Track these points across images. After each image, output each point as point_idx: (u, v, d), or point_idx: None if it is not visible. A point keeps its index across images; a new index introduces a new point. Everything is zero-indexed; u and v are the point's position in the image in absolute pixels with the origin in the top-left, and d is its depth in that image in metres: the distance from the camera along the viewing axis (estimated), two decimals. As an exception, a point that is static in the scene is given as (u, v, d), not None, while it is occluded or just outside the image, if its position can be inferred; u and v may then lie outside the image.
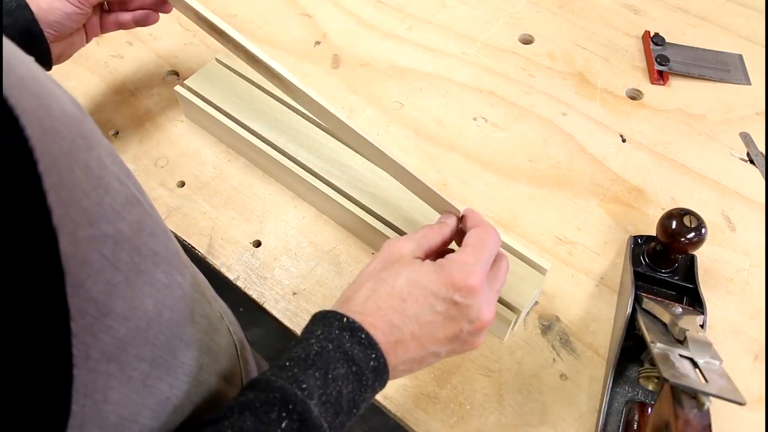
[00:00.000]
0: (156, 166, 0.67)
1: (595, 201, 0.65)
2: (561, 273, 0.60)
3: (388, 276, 0.41)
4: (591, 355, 0.55)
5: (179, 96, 0.67)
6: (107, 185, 0.26)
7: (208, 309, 0.40)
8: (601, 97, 0.74)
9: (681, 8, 0.84)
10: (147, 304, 0.29)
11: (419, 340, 0.39)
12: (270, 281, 0.60)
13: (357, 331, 0.37)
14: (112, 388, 0.27)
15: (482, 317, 0.40)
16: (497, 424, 0.52)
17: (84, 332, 0.24)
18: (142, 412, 0.30)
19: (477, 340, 0.42)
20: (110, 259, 0.26)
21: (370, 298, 0.40)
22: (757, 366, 0.55)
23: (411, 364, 0.40)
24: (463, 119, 0.72)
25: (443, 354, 0.41)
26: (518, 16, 0.83)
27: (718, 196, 0.66)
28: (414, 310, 0.39)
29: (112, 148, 0.29)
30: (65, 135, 0.24)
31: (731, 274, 0.60)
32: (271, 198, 0.65)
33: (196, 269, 0.43)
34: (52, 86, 0.25)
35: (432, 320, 0.39)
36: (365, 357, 0.37)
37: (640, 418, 0.49)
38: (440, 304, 0.39)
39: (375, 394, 0.38)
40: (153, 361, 0.30)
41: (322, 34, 0.80)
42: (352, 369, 0.36)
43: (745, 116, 0.73)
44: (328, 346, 0.36)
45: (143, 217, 0.29)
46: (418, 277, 0.40)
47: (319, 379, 0.35)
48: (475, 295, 0.40)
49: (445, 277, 0.40)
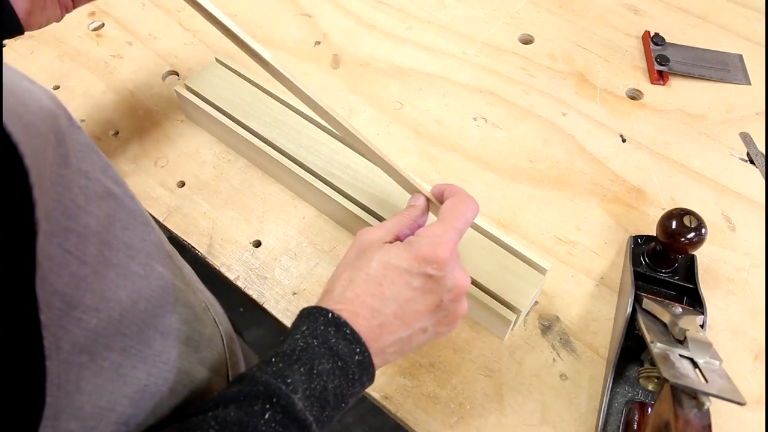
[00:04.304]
0: (156, 166, 0.67)
1: (595, 201, 0.65)
2: (561, 273, 0.60)
3: (361, 264, 0.41)
4: (591, 355, 0.55)
5: (179, 96, 0.67)
6: (67, 182, 0.26)
7: (193, 299, 0.40)
8: (601, 97, 0.74)
9: (681, 8, 0.84)
10: (120, 295, 0.29)
11: (402, 319, 0.40)
12: (270, 281, 0.60)
13: (342, 326, 0.38)
14: (85, 378, 0.27)
15: (459, 283, 0.41)
16: (497, 424, 0.52)
17: (53, 324, 0.25)
18: (119, 401, 0.30)
19: (460, 307, 0.42)
20: (74, 253, 0.26)
21: (348, 288, 0.40)
22: (757, 366, 0.55)
23: (400, 345, 0.41)
24: (463, 119, 0.72)
25: (430, 328, 0.42)
26: (518, 16, 0.83)
27: (718, 196, 0.66)
28: (391, 291, 0.40)
29: (86, 142, 0.29)
30: (42, 130, 0.24)
31: (731, 274, 0.60)
32: (271, 198, 0.65)
33: (181, 260, 0.43)
34: (25, 82, 0.25)
35: (411, 297, 0.40)
36: (350, 352, 0.37)
37: (640, 418, 0.49)
38: (415, 280, 0.40)
39: (364, 387, 0.39)
40: (123, 350, 0.30)
41: (322, 34, 0.80)
42: (337, 364, 0.37)
43: (745, 116, 0.73)
44: (313, 342, 0.37)
45: (116, 210, 0.30)
46: (389, 258, 0.41)
47: (304, 374, 0.35)
48: (446, 265, 0.40)
49: (415, 252, 0.40)
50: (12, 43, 0.79)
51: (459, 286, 0.41)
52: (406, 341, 0.41)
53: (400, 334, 0.40)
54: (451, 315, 0.42)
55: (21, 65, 0.77)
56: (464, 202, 0.44)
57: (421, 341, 0.42)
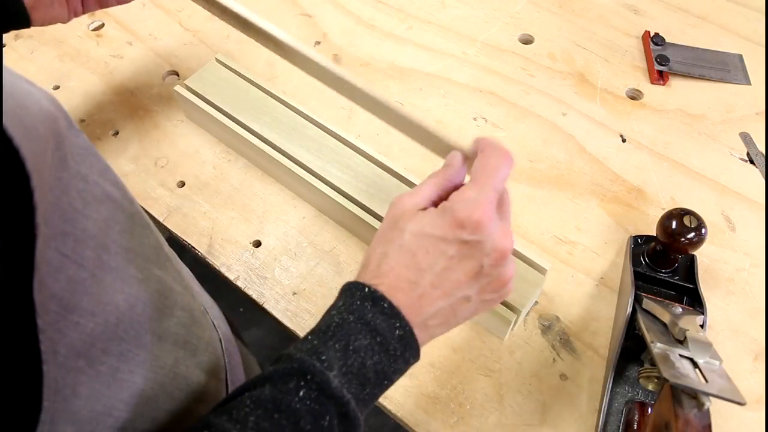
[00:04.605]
0: (156, 166, 0.67)
1: (595, 201, 0.65)
2: (561, 273, 0.60)
3: (394, 235, 0.39)
4: (591, 355, 0.55)
5: (179, 96, 0.67)
6: (65, 185, 0.26)
7: (191, 303, 0.40)
8: (601, 97, 0.74)
9: (681, 8, 0.84)
10: (117, 299, 0.29)
11: (442, 289, 0.38)
12: (270, 281, 0.60)
13: (379, 300, 0.36)
14: (82, 383, 0.27)
15: (499, 246, 0.38)
16: (497, 424, 0.52)
17: (50, 328, 0.25)
18: (116, 405, 0.30)
19: (504, 272, 0.39)
20: (71, 257, 0.26)
21: (383, 261, 0.38)
22: (757, 366, 0.55)
23: (444, 317, 0.39)
24: (463, 119, 0.72)
25: (474, 297, 0.39)
26: (518, 16, 0.83)
27: (718, 196, 0.66)
28: (426, 261, 0.38)
29: (85, 145, 0.29)
30: (42, 133, 0.24)
31: (731, 274, 0.60)
32: (271, 198, 0.65)
33: (180, 262, 0.43)
34: (25, 85, 0.25)
35: (447, 266, 0.38)
36: (389, 327, 0.36)
37: (640, 418, 0.49)
38: (451, 248, 0.37)
39: (408, 364, 0.37)
40: (120, 355, 0.30)
41: (322, 34, 0.80)
42: (376, 339, 0.35)
43: (745, 116, 0.73)
44: (349, 318, 0.36)
45: (114, 214, 0.30)
46: (422, 227, 0.38)
47: (339, 351, 0.34)
48: (484, 228, 0.37)
49: (449, 218, 0.37)
50: (12, 42, 0.79)
51: (499, 249, 0.38)
52: (449, 312, 0.39)
53: (440, 304, 0.38)
54: (495, 281, 0.39)
55: (21, 65, 0.77)
56: (496, 156, 0.40)
57: (466, 311, 0.39)
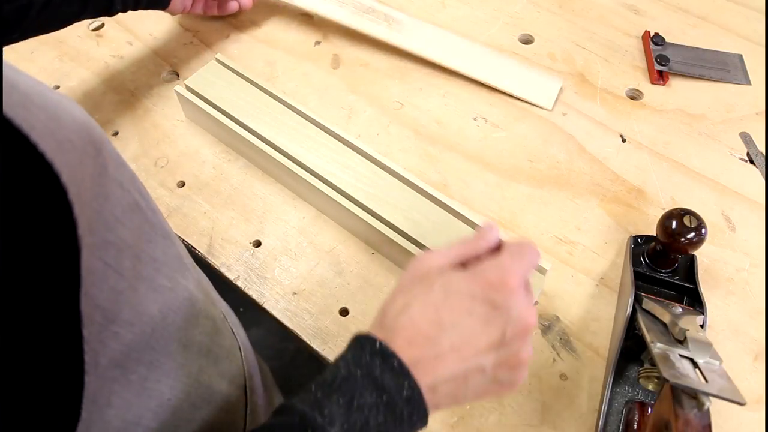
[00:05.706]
0: (156, 166, 0.67)
1: (595, 201, 0.65)
2: (561, 273, 0.60)
3: (420, 289, 0.37)
4: (591, 355, 0.55)
5: (179, 96, 0.67)
6: (107, 193, 0.26)
7: (213, 310, 0.40)
8: (601, 97, 0.74)
9: (681, 8, 0.84)
10: (152, 309, 0.29)
11: (459, 352, 0.35)
12: (270, 281, 0.60)
13: (389, 357, 0.34)
14: (115, 392, 0.27)
15: (524, 317, 0.36)
16: (497, 424, 0.52)
17: (93, 339, 0.25)
18: (144, 414, 0.30)
19: (524, 349, 0.37)
20: (114, 266, 0.26)
21: (403, 313, 0.36)
22: (757, 366, 0.55)
23: (456, 385, 0.36)
24: (463, 119, 0.72)
25: (489, 370, 0.36)
26: (518, 16, 0.83)
27: (718, 196, 0.66)
28: (450, 317, 0.35)
29: (116, 152, 0.29)
30: (77, 144, 0.24)
31: (731, 274, 0.60)
32: (271, 198, 0.65)
33: (199, 271, 0.43)
34: (57, 96, 0.24)
35: (471, 325, 0.35)
36: (397, 386, 0.33)
37: (640, 418, 0.49)
38: (478, 307, 0.36)
39: (415, 429, 0.34)
40: (150, 364, 0.30)
41: (322, 34, 0.80)
42: (382, 398, 0.33)
43: (745, 116, 0.73)
44: (356, 372, 0.33)
45: (143, 223, 0.30)
46: (450, 283, 0.36)
47: (342, 407, 0.32)
48: (513, 294, 0.36)
49: (480, 278, 0.36)
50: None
51: (524, 321, 0.36)
52: (461, 380, 0.36)
53: (454, 369, 0.35)
54: (513, 357, 0.36)
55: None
56: (528, 245, 0.39)
57: (478, 385, 0.36)
